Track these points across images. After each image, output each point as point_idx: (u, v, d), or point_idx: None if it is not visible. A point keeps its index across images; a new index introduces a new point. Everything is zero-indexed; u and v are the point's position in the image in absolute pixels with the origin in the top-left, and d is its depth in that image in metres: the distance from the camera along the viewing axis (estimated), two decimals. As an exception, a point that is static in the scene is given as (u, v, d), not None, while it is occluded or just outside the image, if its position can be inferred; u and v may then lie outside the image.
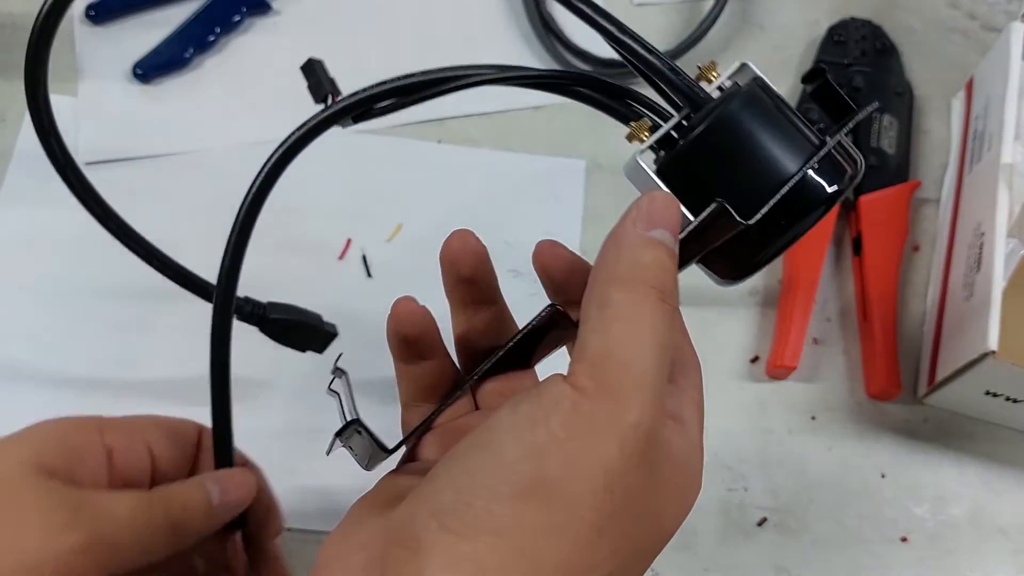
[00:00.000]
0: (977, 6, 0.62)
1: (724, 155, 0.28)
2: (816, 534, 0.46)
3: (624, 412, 0.24)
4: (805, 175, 0.28)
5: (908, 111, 0.57)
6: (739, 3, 0.62)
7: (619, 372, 0.25)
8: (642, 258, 0.26)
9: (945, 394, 0.48)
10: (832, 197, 0.28)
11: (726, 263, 0.29)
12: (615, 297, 0.25)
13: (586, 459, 0.24)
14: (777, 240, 0.29)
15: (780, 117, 0.29)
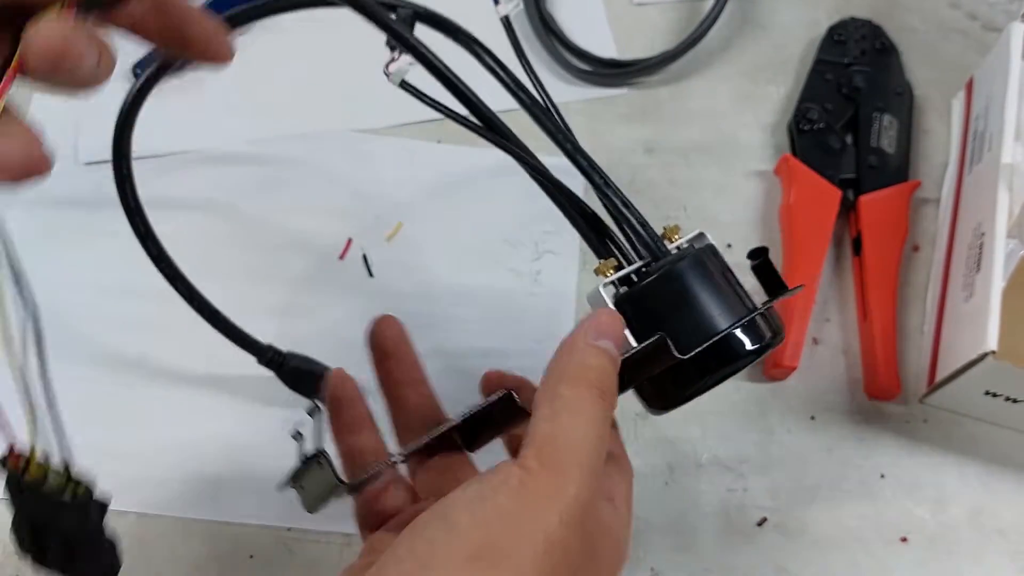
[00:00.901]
0: (977, 6, 0.62)
1: (671, 301, 0.33)
2: (816, 534, 0.46)
3: (565, 486, 0.28)
4: (733, 331, 0.33)
5: (908, 111, 0.57)
6: (739, 3, 0.62)
7: (563, 454, 0.29)
8: (588, 361, 0.30)
9: (945, 394, 0.48)
10: (751, 354, 0.33)
11: (658, 393, 0.34)
12: (564, 393, 0.30)
13: (530, 527, 0.27)
14: (704, 379, 0.33)
15: (723, 280, 0.34)
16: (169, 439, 0.46)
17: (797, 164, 0.54)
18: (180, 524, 0.44)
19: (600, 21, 0.61)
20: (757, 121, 0.58)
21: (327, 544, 0.44)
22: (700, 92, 0.59)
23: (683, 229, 0.37)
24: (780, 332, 0.35)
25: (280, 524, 0.44)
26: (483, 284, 0.51)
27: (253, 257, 0.51)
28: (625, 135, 0.56)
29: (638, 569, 0.44)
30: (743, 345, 0.33)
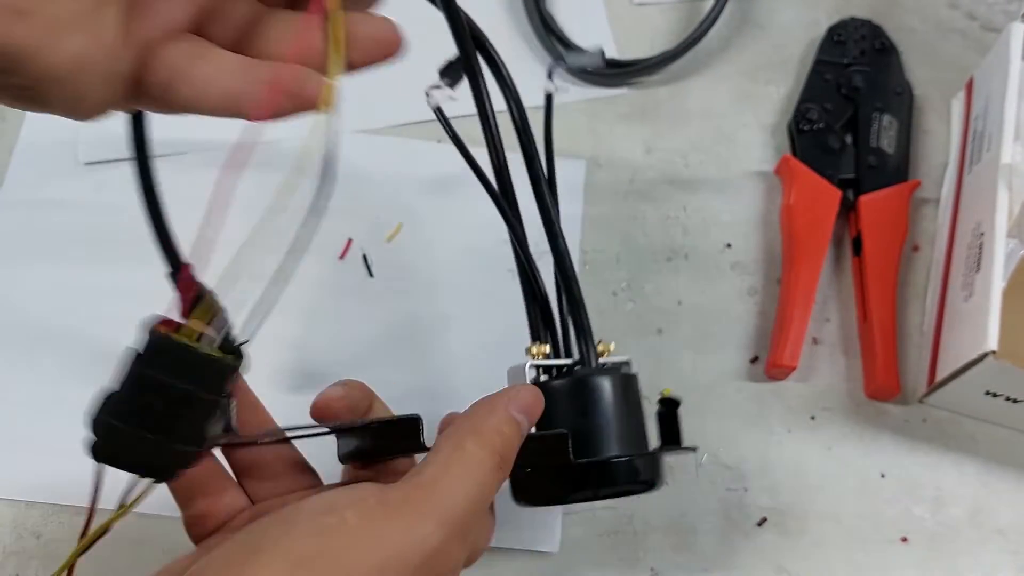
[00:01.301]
0: (977, 6, 0.62)
1: (582, 408, 0.36)
2: (816, 534, 0.46)
3: (419, 530, 0.28)
4: (625, 460, 0.36)
5: (908, 111, 0.57)
6: (739, 3, 0.62)
7: (436, 501, 0.29)
8: (503, 428, 0.31)
9: (945, 394, 0.48)
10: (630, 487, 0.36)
11: (528, 487, 0.36)
12: (468, 447, 0.30)
13: (367, 551, 0.27)
14: (581, 491, 0.36)
15: (633, 411, 0.37)
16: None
17: (797, 164, 0.54)
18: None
19: (600, 21, 0.61)
20: (757, 121, 0.58)
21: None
22: (700, 92, 0.59)
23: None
24: (659, 481, 0.37)
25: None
26: (483, 284, 0.51)
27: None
28: (625, 135, 0.56)
29: (638, 569, 0.44)
30: (626, 476, 0.36)
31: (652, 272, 0.52)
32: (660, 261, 0.53)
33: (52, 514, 0.44)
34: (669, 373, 0.49)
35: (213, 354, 0.27)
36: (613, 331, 0.50)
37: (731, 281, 0.53)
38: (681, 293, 0.52)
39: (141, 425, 0.27)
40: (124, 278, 0.50)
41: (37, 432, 0.46)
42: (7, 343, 0.48)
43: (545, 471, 0.34)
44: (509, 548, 0.44)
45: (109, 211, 0.52)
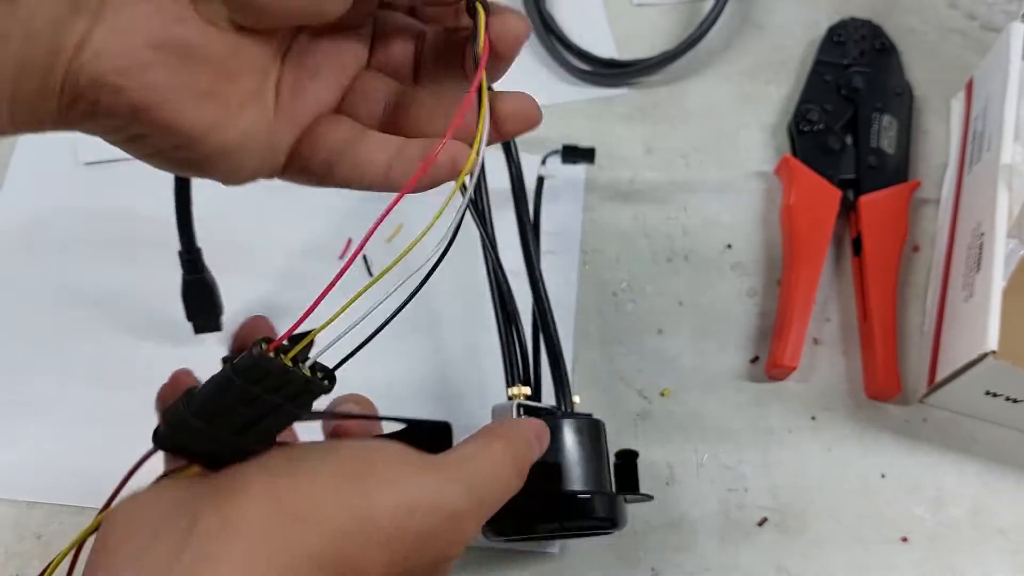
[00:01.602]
0: (977, 6, 0.62)
1: (556, 448, 0.39)
2: (816, 534, 0.46)
3: (451, 488, 0.30)
4: (588, 496, 0.39)
5: (908, 111, 0.57)
6: (739, 3, 0.62)
7: (468, 474, 0.31)
8: (524, 445, 0.34)
9: (945, 394, 0.48)
10: (592, 520, 0.39)
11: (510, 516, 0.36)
12: (496, 446, 0.33)
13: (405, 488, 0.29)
14: (550, 520, 0.39)
15: (601, 455, 0.40)
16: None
17: (797, 164, 0.54)
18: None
19: (600, 21, 0.61)
20: (757, 121, 0.58)
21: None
22: (700, 92, 0.59)
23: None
24: (619, 522, 0.40)
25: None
26: (483, 285, 0.51)
27: (253, 257, 0.51)
28: (625, 135, 0.56)
29: (639, 569, 0.45)
30: (589, 511, 0.39)
31: (652, 272, 0.52)
32: (660, 261, 0.53)
33: (53, 515, 0.44)
34: (669, 373, 0.50)
35: (309, 376, 0.29)
36: (613, 331, 0.50)
37: (731, 281, 0.53)
38: (681, 293, 0.52)
39: (221, 426, 0.29)
40: (124, 278, 0.50)
41: (39, 433, 0.46)
42: (8, 343, 0.48)
43: (515, 503, 0.34)
44: (509, 549, 0.44)
45: (109, 210, 0.52)
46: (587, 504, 0.39)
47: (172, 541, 0.26)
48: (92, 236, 0.51)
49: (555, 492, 0.39)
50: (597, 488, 0.40)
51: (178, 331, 0.49)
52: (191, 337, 0.48)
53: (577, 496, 0.39)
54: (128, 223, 0.52)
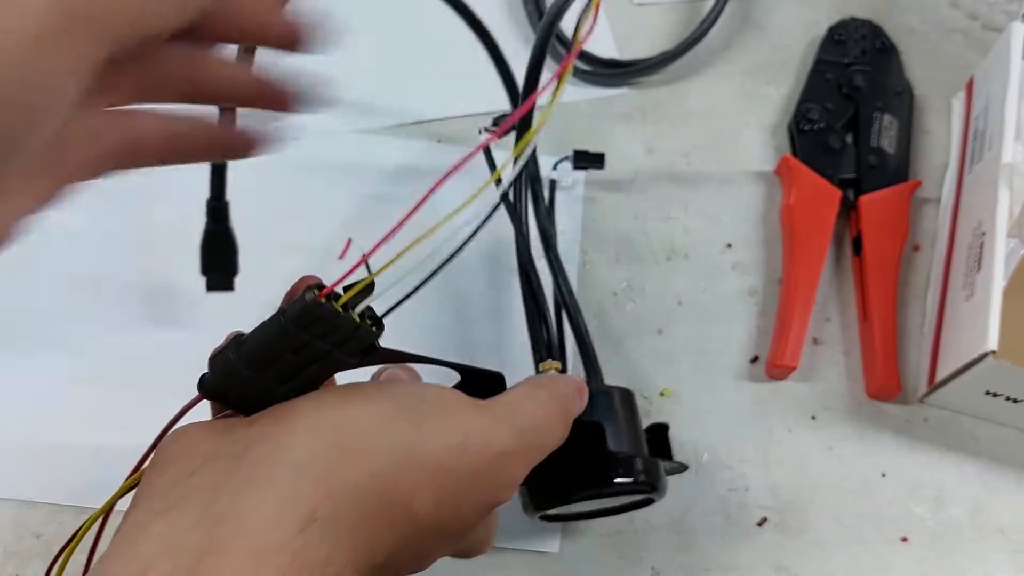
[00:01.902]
0: (978, 6, 0.62)
1: (595, 415, 0.39)
2: (816, 534, 0.46)
3: (500, 429, 0.30)
4: (628, 457, 0.39)
5: (908, 111, 0.57)
6: (739, 3, 0.62)
7: (517, 417, 0.31)
8: (570, 398, 0.35)
9: (945, 394, 0.48)
10: (629, 485, 0.39)
11: (549, 485, 0.38)
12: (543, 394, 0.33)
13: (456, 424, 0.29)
14: (592, 484, 0.38)
15: (638, 420, 0.41)
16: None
17: (797, 164, 0.54)
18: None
19: (600, 21, 0.61)
20: (757, 121, 0.58)
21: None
22: (700, 92, 0.59)
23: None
24: (659, 487, 0.40)
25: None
26: (483, 285, 0.51)
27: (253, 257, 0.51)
28: (625, 135, 0.56)
29: (639, 568, 0.44)
30: (630, 471, 0.39)
31: (652, 272, 0.52)
32: (660, 261, 0.53)
33: (53, 514, 0.44)
34: (669, 373, 0.50)
35: (358, 322, 0.29)
36: (613, 331, 0.50)
37: (731, 281, 0.53)
38: (681, 293, 0.52)
39: (268, 374, 0.29)
40: (125, 276, 0.50)
41: (39, 432, 0.46)
42: (8, 343, 0.48)
43: (554, 469, 0.35)
44: (510, 548, 0.44)
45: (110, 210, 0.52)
46: (629, 464, 0.39)
47: (223, 466, 0.27)
48: (92, 235, 0.51)
49: (595, 455, 0.38)
50: (636, 452, 0.39)
51: (181, 331, 0.49)
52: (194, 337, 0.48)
53: (617, 457, 0.38)
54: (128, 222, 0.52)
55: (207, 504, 0.26)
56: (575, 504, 0.39)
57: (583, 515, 0.43)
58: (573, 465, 0.37)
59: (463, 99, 0.57)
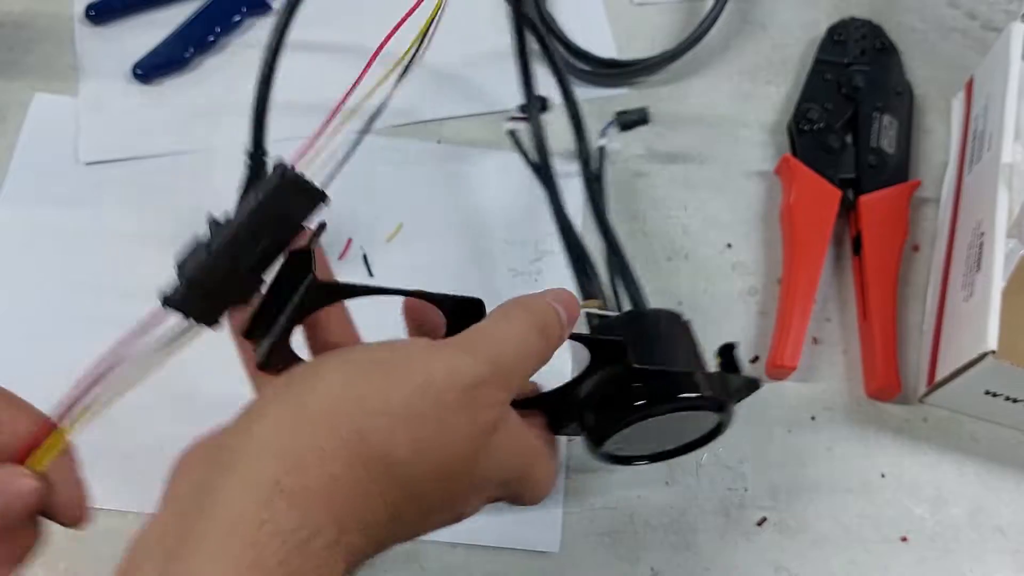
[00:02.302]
0: (977, 6, 0.62)
1: (638, 333, 0.39)
2: (816, 534, 0.46)
3: (463, 358, 0.30)
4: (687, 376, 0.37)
5: (908, 111, 0.57)
6: (739, 3, 0.62)
7: (479, 341, 0.31)
8: (542, 306, 0.34)
9: (945, 394, 0.48)
10: (694, 401, 0.37)
11: (598, 422, 0.37)
12: (513, 312, 0.33)
13: (415, 368, 0.30)
14: (642, 408, 0.36)
15: (688, 340, 0.40)
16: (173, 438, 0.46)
17: (797, 164, 0.54)
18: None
19: (600, 21, 0.61)
20: (757, 121, 0.58)
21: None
22: (700, 92, 0.59)
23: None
24: (726, 406, 0.38)
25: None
26: (484, 284, 0.51)
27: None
28: (625, 135, 0.56)
29: (638, 568, 0.45)
30: (689, 390, 0.36)
31: (652, 272, 0.52)
32: (660, 261, 0.53)
33: (53, 514, 0.44)
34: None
35: (316, 185, 0.33)
36: (613, 331, 0.50)
37: (731, 281, 0.53)
38: (681, 293, 0.52)
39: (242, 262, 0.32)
40: (125, 277, 0.50)
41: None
42: (8, 341, 0.48)
43: (606, 401, 0.35)
44: (510, 548, 0.44)
45: (111, 210, 0.52)
46: (690, 380, 0.37)
47: (207, 464, 0.29)
48: (93, 235, 0.51)
49: (650, 377, 0.36)
50: (698, 367, 0.38)
51: (178, 331, 0.49)
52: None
53: (675, 374, 0.37)
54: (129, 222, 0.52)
55: (191, 497, 0.28)
56: (637, 435, 0.37)
57: (651, 456, 0.40)
58: (629, 390, 0.36)
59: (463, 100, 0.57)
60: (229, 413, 0.47)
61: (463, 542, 0.44)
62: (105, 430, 0.45)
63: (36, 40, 0.57)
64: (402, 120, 0.56)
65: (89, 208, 0.52)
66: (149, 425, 0.46)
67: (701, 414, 0.38)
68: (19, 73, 0.55)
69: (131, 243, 0.51)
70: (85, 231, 0.51)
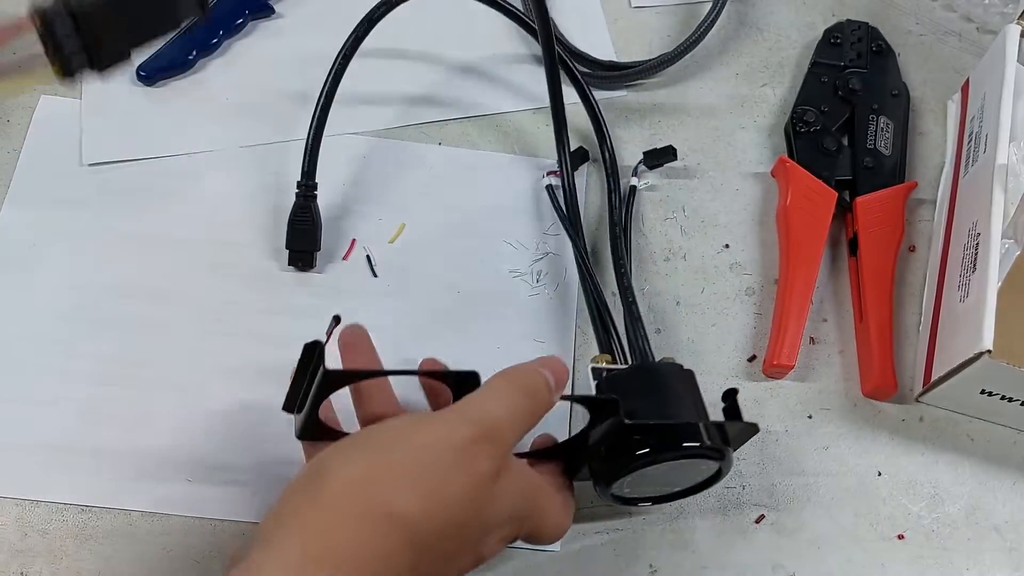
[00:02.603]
0: (973, 8, 0.62)
1: (640, 387, 0.42)
2: (813, 532, 0.46)
3: (453, 424, 0.35)
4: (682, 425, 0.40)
5: (904, 113, 0.57)
6: (736, 6, 0.62)
7: (469, 409, 0.36)
8: (529, 374, 0.39)
9: (941, 393, 0.48)
10: (689, 450, 0.40)
11: (603, 468, 0.41)
12: (497, 382, 0.38)
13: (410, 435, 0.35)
14: (641, 457, 0.40)
15: (689, 389, 0.43)
16: (173, 438, 0.46)
17: (794, 166, 0.54)
18: (184, 522, 0.44)
19: (599, 24, 0.61)
20: (754, 123, 0.58)
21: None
22: (698, 94, 0.59)
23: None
24: (724, 454, 0.41)
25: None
26: (485, 284, 0.52)
27: (257, 259, 0.52)
28: (624, 137, 0.57)
29: (637, 566, 0.45)
30: (690, 440, 0.40)
31: (650, 272, 0.53)
32: (658, 261, 0.53)
33: (56, 512, 0.44)
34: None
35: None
36: (612, 331, 0.50)
37: (729, 281, 0.53)
38: (679, 293, 0.52)
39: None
40: (128, 278, 0.50)
41: (42, 431, 0.46)
42: (13, 343, 0.48)
43: (612, 450, 0.40)
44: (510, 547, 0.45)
45: (114, 211, 0.52)
46: (688, 431, 0.40)
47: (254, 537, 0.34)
48: (98, 235, 0.51)
49: (653, 426, 0.40)
50: (697, 419, 0.41)
51: (181, 331, 0.49)
52: (192, 335, 0.49)
53: (678, 429, 0.40)
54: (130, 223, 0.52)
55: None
56: (642, 480, 0.41)
57: (654, 499, 0.44)
58: (631, 441, 0.40)
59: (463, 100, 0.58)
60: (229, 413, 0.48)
61: (463, 540, 0.44)
62: (109, 431, 0.46)
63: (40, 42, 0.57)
64: (404, 122, 0.57)
65: (93, 209, 0.52)
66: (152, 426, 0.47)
67: (701, 461, 0.41)
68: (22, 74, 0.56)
69: (134, 244, 0.51)
70: (89, 232, 0.51)
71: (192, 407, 0.47)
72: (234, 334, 0.49)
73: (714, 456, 0.41)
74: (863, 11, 0.61)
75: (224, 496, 0.45)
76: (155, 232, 0.52)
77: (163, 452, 0.46)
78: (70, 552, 0.43)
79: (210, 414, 0.47)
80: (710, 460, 0.41)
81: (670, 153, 0.55)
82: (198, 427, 0.47)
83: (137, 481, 0.45)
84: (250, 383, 0.47)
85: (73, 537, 0.44)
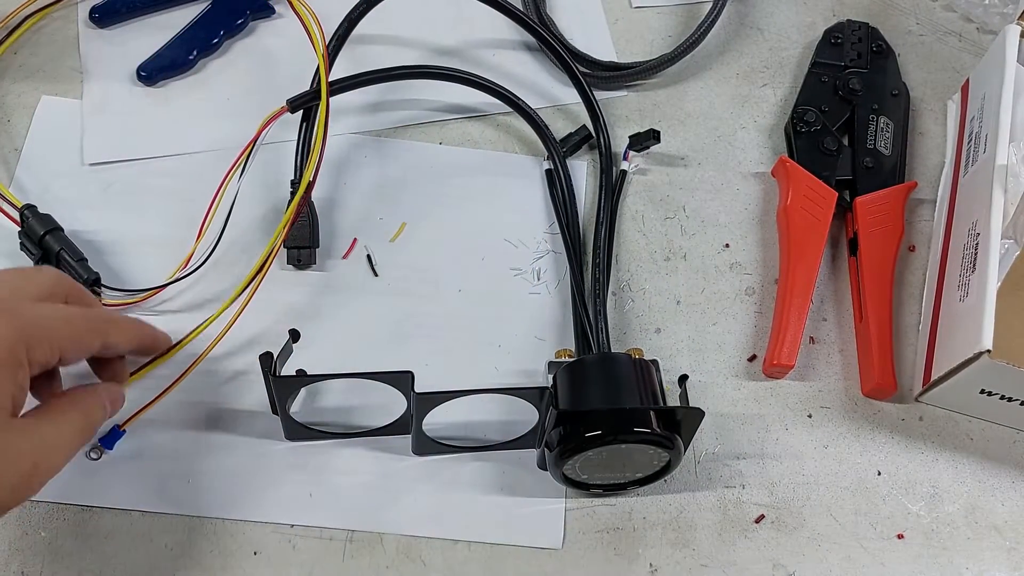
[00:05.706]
0: (973, 8, 0.62)
1: (583, 378, 0.44)
2: (812, 531, 0.46)
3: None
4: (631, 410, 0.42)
5: (904, 113, 0.58)
6: (737, 6, 0.62)
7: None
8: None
9: (940, 393, 0.48)
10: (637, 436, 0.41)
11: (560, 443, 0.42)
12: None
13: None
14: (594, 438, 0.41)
15: (643, 377, 0.44)
16: (173, 438, 0.46)
17: (794, 166, 0.54)
18: (185, 521, 0.44)
19: (599, 24, 0.62)
20: (754, 123, 0.58)
21: (330, 540, 0.44)
22: (698, 95, 0.59)
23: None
24: (676, 446, 0.42)
25: (284, 521, 0.44)
26: (485, 283, 0.52)
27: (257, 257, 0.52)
28: (624, 137, 0.57)
29: (637, 565, 0.45)
30: (637, 425, 0.41)
31: (651, 272, 0.53)
32: (659, 261, 0.53)
33: (57, 511, 0.44)
34: (668, 372, 0.50)
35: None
36: (613, 330, 0.51)
37: (729, 281, 0.53)
38: (680, 293, 0.52)
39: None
40: (128, 278, 0.50)
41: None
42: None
43: (571, 427, 0.41)
44: (513, 545, 0.45)
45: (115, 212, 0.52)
46: (633, 416, 0.41)
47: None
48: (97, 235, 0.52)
49: (609, 412, 0.42)
50: (642, 405, 0.42)
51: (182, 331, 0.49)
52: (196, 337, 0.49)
53: (631, 414, 0.42)
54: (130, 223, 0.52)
55: None
56: (594, 463, 0.42)
57: (604, 487, 0.45)
58: (583, 424, 0.41)
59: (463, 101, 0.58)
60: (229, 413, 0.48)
61: (466, 539, 0.45)
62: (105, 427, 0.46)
63: (42, 43, 0.57)
64: (405, 122, 0.57)
65: (95, 209, 0.52)
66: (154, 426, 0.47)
67: (650, 449, 0.42)
68: (23, 74, 0.56)
69: (134, 244, 0.51)
70: (90, 232, 0.51)
71: (196, 407, 0.47)
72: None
73: (661, 443, 0.42)
74: (863, 11, 0.61)
75: (231, 497, 0.45)
76: (156, 232, 0.52)
77: (166, 452, 0.46)
78: (70, 552, 0.43)
79: (214, 413, 0.47)
80: (655, 446, 0.42)
81: (652, 136, 0.55)
82: (202, 427, 0.47)
83: (140, 481, 0.45)
84: (253, 382, 0.47)
85: (73, 537, 0.44)
